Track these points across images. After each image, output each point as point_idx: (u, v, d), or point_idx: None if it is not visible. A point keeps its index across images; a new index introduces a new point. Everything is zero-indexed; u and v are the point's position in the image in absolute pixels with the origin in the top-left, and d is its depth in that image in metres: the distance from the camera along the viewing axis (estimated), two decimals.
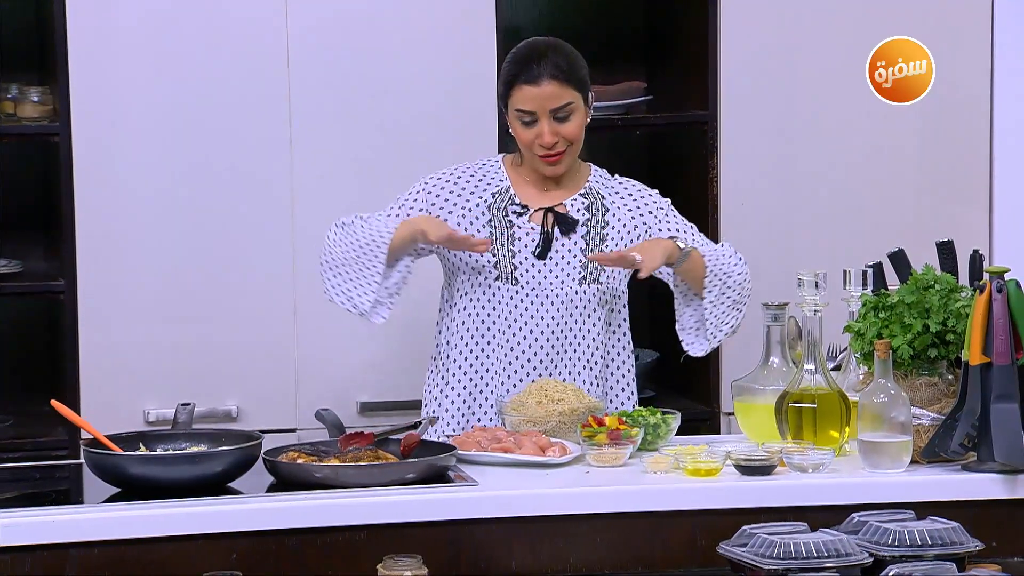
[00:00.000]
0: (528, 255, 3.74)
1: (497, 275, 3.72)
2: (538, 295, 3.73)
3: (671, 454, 3.32)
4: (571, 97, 3.71)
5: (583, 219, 3.78)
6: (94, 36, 4.33)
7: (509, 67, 3.75)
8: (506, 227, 3.74)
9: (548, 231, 3.75)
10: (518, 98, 3.70)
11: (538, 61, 3.70)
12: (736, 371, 3.77)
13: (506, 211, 3.75)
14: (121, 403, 4.35)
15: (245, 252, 4.42)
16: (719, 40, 4.61)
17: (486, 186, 3.78)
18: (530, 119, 3.70)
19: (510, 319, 3.73)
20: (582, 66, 3.76)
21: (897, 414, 3.27)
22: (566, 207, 3.78)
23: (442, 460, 3.27)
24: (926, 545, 2.89)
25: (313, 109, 4.45)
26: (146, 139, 4.39)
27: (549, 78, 3.68)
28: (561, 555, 3.14)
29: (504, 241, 3.73)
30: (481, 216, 3.75)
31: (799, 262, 3.80)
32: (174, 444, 3.33)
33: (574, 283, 3.74)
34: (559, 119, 3.70)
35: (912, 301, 3.36)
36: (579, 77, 3.73)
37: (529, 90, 3.69)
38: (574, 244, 3.76)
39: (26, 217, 4.65)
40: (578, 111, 3.72)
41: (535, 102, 3.69)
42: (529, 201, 3.78)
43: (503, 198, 3.76)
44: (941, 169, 4.74)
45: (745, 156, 4.66)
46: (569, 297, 3.74)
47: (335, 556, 3.07)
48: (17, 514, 3.04)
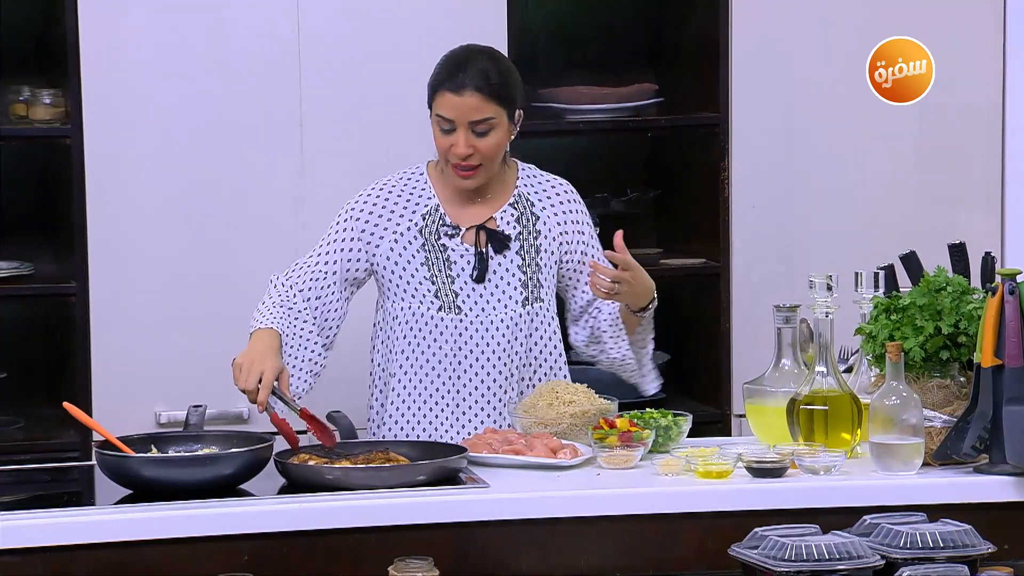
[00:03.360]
0: (467, 279, 3.66)
1: (440, 305, 3.64)
2: (482, 321, 3.65)
3: (682, 456, 3.31)
4: (493, 112, 3.60)
5: (515, 233, 3.69)
6: (105, 39, 4.34)
7: (437, 70, 3.65)
8: (440, 251, 3.65)
9: (482, 251, 3.67)
10: (440, 103, 3.60)
11: (465, 69, 3.59)
12: (747, 373, 3.77)
13: (438, 234, 3.65)
14: (132, 405, 4.35)
15: (256, 254, 4.42)
16: (730, 42, 4.61)
17: (415, 207, 3.68)
18: (448, 127, 3.60)
19: (454, 348, 3.65)
20: (513, 83, 3.64)
21: (909, 416, 3.26)
22: (496, 221, 3.70)
23: (453, 462, 3.27)
24: (938, 547, 2.88)
25: (325, 114, 4.45)
26: (157, 141, 4.39)
27: (473, 89, 3.58)
28: (572, 558, 3.14)
29: (440, 267, 3.64)
30: (414, 241, 3.66)
31: (811, 264, 3.80)
32: (185, 446, 3.34)
33: (517, 305, 3.67)
34: (477, 133, 3.60)
35: (924, 303, 3.36)
36: (506, 93, 3.61)
37: (451, 98, 3.58)
38: (510, 263, 3.68)
39: (37, 219, 4.65)
40: (499, 128, 3.61)
41: (455, 111, 3.58)
42: (459, 220, 3.68)
43: (433, 219, 3.66)
44: (953, 172, 4.73)
45: (756, 159, 4.65)
46: (514, 320, 3.66)
47: (346, 558, 3.08)
48: (29, 516, 3.04)
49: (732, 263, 4.65)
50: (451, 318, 3.65)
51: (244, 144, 4.42)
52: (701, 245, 4.74)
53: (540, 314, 3.70)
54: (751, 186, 4.65)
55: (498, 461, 3.36)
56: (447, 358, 3.66)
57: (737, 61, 4.61)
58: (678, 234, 4.90)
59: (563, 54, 4.93)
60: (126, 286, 4.38)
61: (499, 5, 4.48)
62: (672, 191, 4.95)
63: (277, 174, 4.45)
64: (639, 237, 4.95)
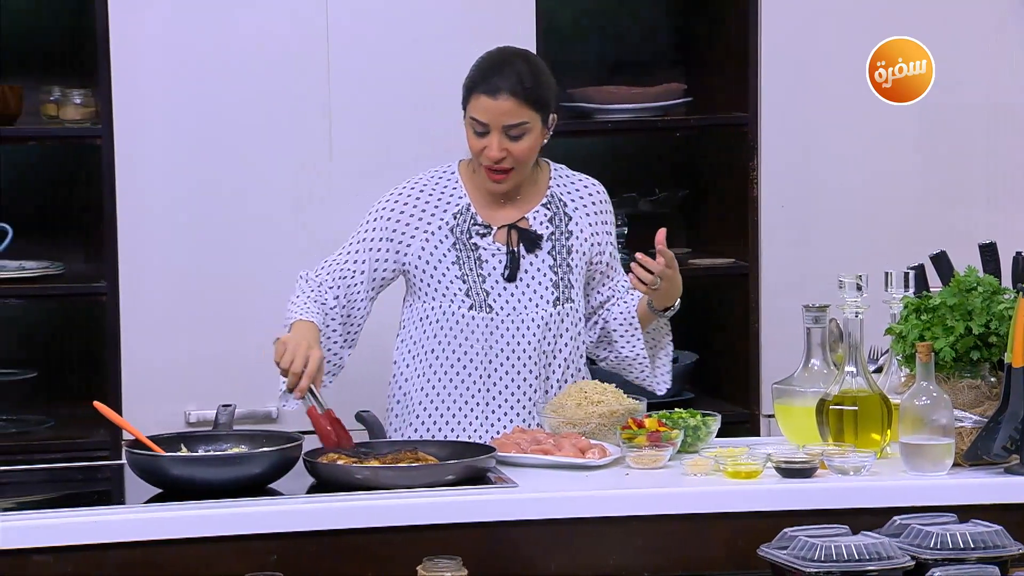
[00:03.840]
0: (498, 278, 3.66)
1: (471, 304, 3.65)
2: (513, 320, 3.65)
3: (711, 456, 3.31)
4: (527, 117, 3.59)
5: (547, 233, 3.70)
6: (135, 39, 4.35)
7: (473, 72, 3.65)
8: (471, 250, 3.65)
9: (514, 250, 3.67)
10: (474, 106, 3.60)
11: (500, 72, 3.59)
12: (776, 373, 3.76)
13: (469, 232, 3.66)
14: (162, 404, 4.36)
15: (286, 254, 4.43)
16: (759, 41, 4.60)
17: (446, 205, 3.68)
18: (482, 130, 3.60)
19: (485, 347, 3.65)
20: (548, 87, 3.64)
21: (939, 417, 3.25)
22: (528, 221, 3.70)
23: (481, 462, 3.27)
24: (968, 548, 2.87)
25: (353, 114, 4.45)
26: (187, 141, 4.40)
27: (508, 94, 3.58)
28: (601, 557, 3.13)
29: (472, 266, 3.64)
30: (445, 240, 3.66)
31: (840, 264, 3.79)
32: (215, 445, 3.35)
33: (548, 304, 3.67)
34: (511, 136, 3.59)
35: (954, 303, 3.35)
36: (541, 98, 3.61)
37: (486, 101, 3.58)
38: (542, 262, 3.68)
39: (68, 219, 4.67)
40: (532, 132, 3.61)
41: (489, 114, 3.58)
42: (491, 219, 3.68)
43: (464, 218, 3.66)
44: (985, 171, 4.72)
45: (785, 158, 4.64)
46: (545, 320, 3.67)
47: (375, 558, 3.08)
48: (59, 515, 3.05)
49: (761, 263, 4.64)
50: (482, 317, 3.65)
51: (274, 144, 4.43)
52: (729, 245, 4.73)
53: (570, 315, 3.70)
54: (779, 185, 4.64)
55: (526, 461, 3.36)
56: (477, 357, 3.66)
57: (766, 61, 4.60)
58: (706, 234, 4.89)
59: (591, 54, 4.93)
60: (156, 286, 4.39)
61: (528, 4, 4.48)
62: (700, 191, 4.94)
63: (306, 174, 4.45)
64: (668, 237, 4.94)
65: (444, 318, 3.66)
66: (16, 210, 4.54)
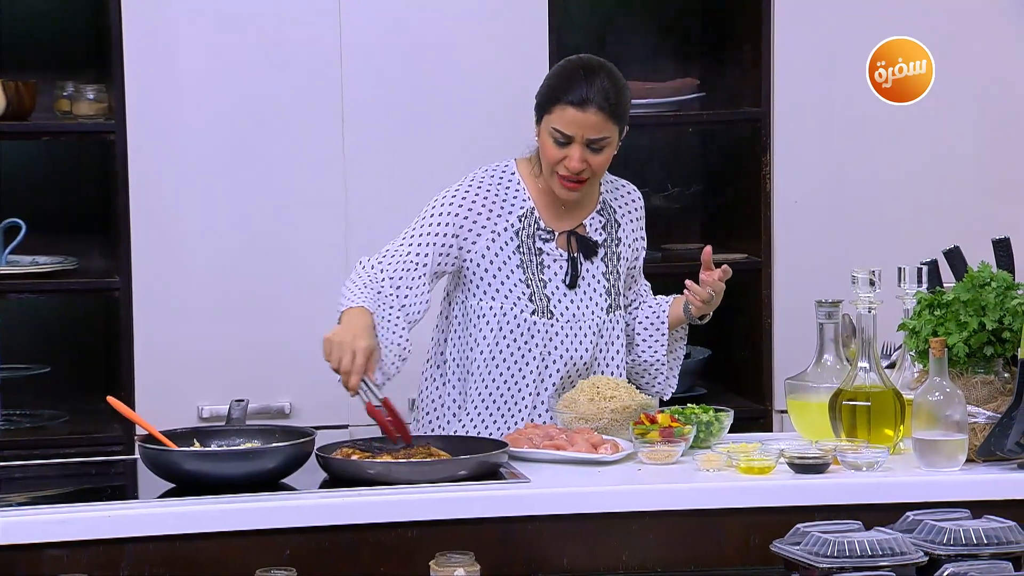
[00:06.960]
0: (559, 284, 3.66)
1: (533, 309, 3.63)
2: (572, 327, 3.65)
3: (724, 452, 3.31)
4: (610, 132, 3.57)
5: (601, 240, 3.71)
6: (149, 34, 4.35)
7: (557, 81, 3.60)
8: (535, 255, 3.64)
9: (575, 256, 3.67)
10: (559, 117, 3.56)
11: (590, 85, 3.55)
12: (789, 369, 3.76)
13: (534, 237, 3.64)
14: (175, 399, 4.37)
15: (298, 250, 4.44)
16: (773, 37, 4.59)
17: (511, 207, 3.66)
18: (565, 140, 3.57)
19: (543, 352, 3.64)
20: (627, 101, 3.62)
21: (952, 412, 3.25)
22: (585, 228, 3.70)
23: (494, 457, 3.27)
24: (982, 544, 2.87)
25: (366, 109, 4.46)
26: (200, 136, 4.41)
27: (597, 108, 3.54)
28: (613, 553, 3.13)
29: (535, 271, 3.64)
30: (510, 242, 3.64)
31: (853, 259, 3.78)
32: (228, 440, 3.35)
33: (603, 312, 3.68)
34: (593, 149, 3.58)
35: (968, 299, 3.34)
36: (622, 112, 3.59)
37: (573, 113, 3.55)
38: (597, 270, 3.69)
39: (81, 214, 4.68)
40: (611, 145, 3.60)
41: (576, 126, 3.55)
42: (553, 224, 3.67)
43: (529, 221, 3.65)
44: (997, 167, 4.71)
45: (798, 153, 4.64)
46: (599, 328, 3.68)
47: (388, 552, 3.08)
48: (73, 509, 3.06)
49: (774, 258, 4.64)
50: (543, 322, 3.64)
51: (286, 139, 4.43)
52: (743, 240, 4.73)
53: (618, 323, 3.71)
54: (793, 181, 4.64)
55: (539, 456, 3.36)
56: (535, 360, 3.65)
57: (779, 56, 4.59)
58: (720, 229, 4.89)
59: (605, 49, 4.92)
60: (170, 281, 4.40)
61: (541, 1, 4.48)
62: (714, 186, 4.94)
63: (320, 170, 4.45)
64: (681, 232, 4.95)
65: (505, 320, 3.65)
66: (29, 205, 4.55)
